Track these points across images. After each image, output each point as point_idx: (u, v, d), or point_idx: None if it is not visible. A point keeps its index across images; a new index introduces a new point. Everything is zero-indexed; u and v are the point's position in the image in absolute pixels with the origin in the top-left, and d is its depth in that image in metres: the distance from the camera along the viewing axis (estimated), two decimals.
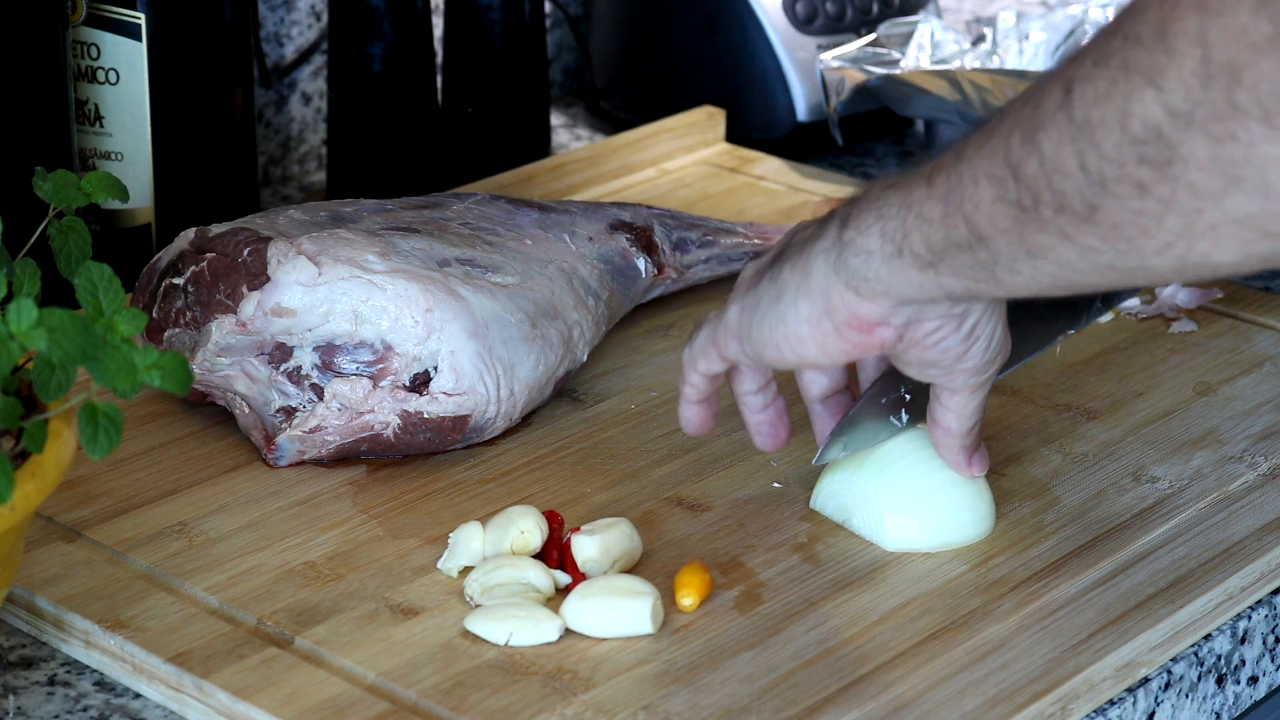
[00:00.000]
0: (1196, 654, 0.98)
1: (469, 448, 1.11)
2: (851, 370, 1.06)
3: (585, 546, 0.98)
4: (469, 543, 1.00)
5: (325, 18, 1.55)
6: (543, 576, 0.97)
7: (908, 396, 1.04)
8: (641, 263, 1.23)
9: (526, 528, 0.99)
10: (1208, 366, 1.21)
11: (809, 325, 0.94)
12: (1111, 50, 0.79)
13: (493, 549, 0.99)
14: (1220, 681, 1.00)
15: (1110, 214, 0.81)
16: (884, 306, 0.92)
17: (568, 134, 1.66)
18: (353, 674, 0.92)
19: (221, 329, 1.08)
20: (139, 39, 1.27)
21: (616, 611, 0.94)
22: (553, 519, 1.01)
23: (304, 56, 1.56)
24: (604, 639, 0.94)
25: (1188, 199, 0.78)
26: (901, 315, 0.93)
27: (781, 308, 0.94)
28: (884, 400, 1.04)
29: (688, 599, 0.96)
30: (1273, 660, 1.03)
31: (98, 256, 0.94)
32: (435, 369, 1.07)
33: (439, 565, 1.00)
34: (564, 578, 0.97)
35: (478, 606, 0.96)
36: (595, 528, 0.99)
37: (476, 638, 0.94)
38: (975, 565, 1.01)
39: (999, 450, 1.11)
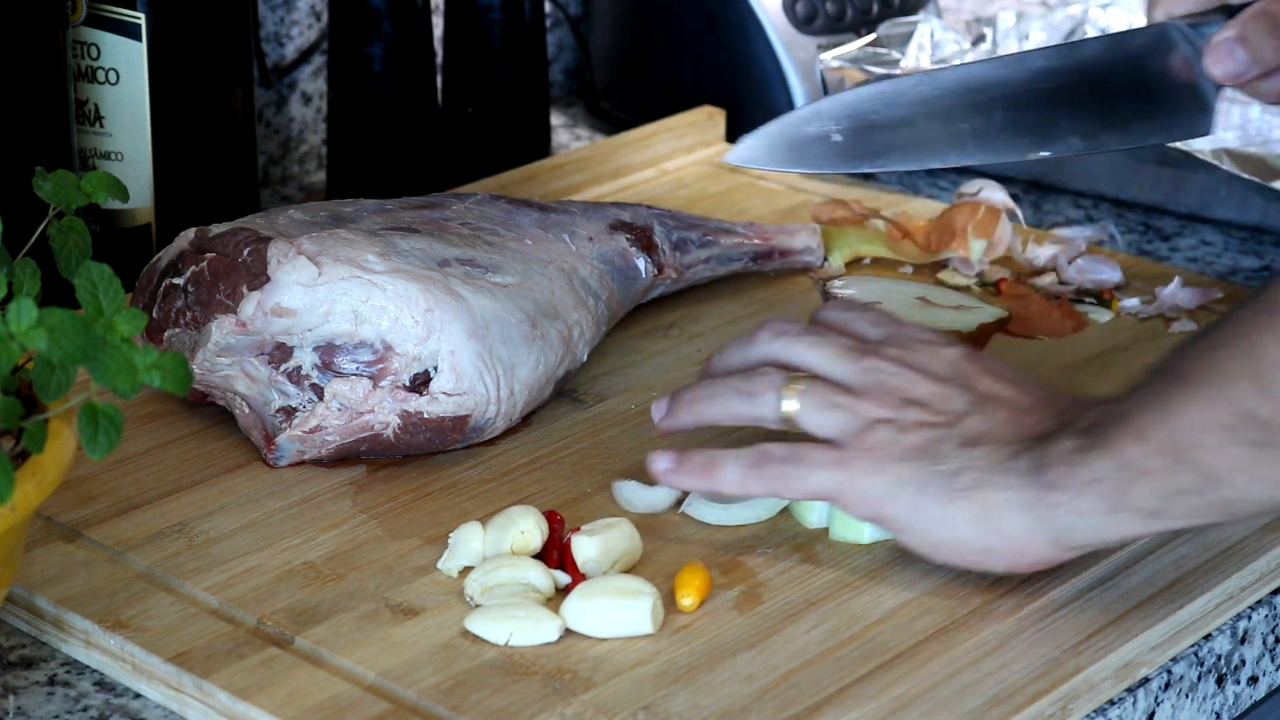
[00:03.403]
0: (1196, 654, 0.98)
1: (469, 448, 1.11)
2: None
3: (585, 547, 0.98)
4: (469, 543, 1.00)
5: (325, 18, 1.55)
6: (543, 576, 0.97)
7: None
8: (641, 263, 1.23)
9: (526, 528, 0.99)
10: None
11: (985, 555, 0.95)
12: None
13: (493, 549, 0.99)
14: (1220, 681, 1.00)
15: None
16: (1084, 550, 0.95)
17: (568, 134, 1.66)
18: (353, 674, 0.92)
19: (221, 329, 1.08)
20: (139, 39, 1.27)
21: (616, 611, 0.94)
22: (553, 519, 1.01)
23: (304, 56, 1.56)
24: (604, 639, 0.94)
25: None
26: (1093, 548, 0.95)
27: (957, 531, 0.94)
28: None
29: (688, 599, 0.96)
30: (1273, 660, 1.03)
31: (98, 256, 0.94)
32: (435, 369, 1.07)
33: (439, 565, 1.00)
34: (564, 578, 0.97)
35: (478, 606, 0.96)
36: (595, 528, 0.99)
37: (476, 638, 0.94)
38: None
39: None
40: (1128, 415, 0.90)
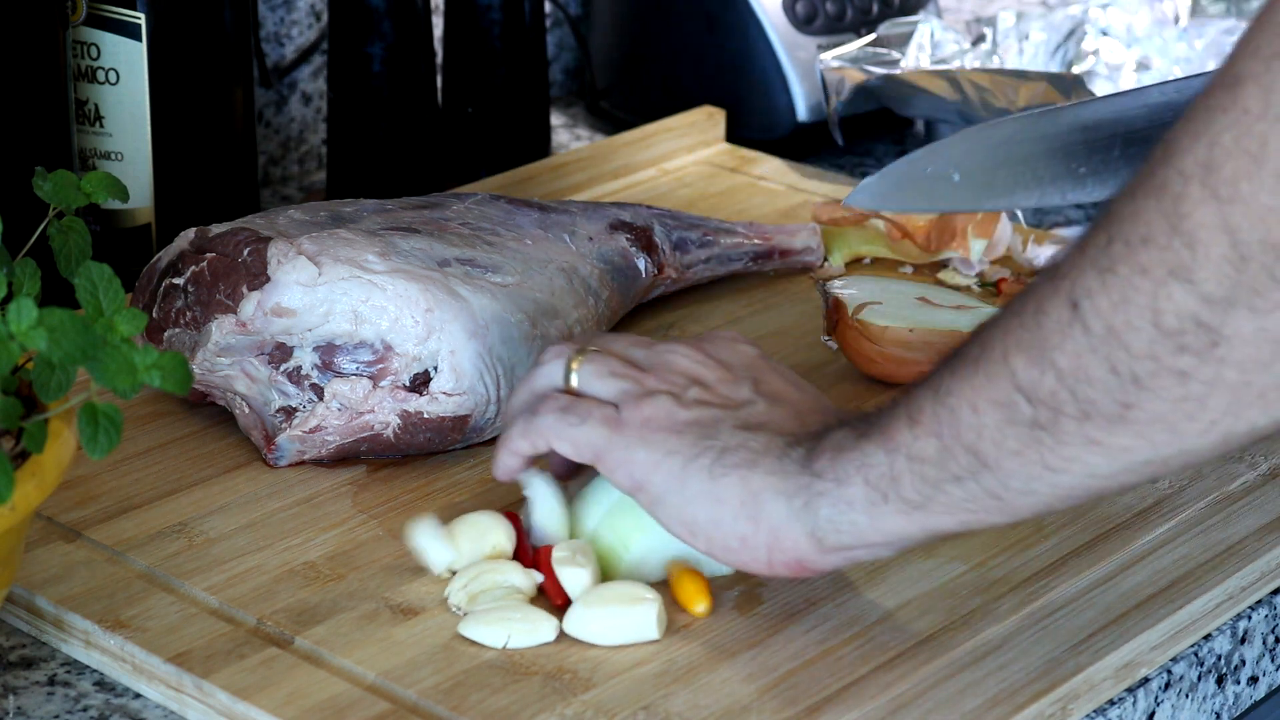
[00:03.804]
0: (1196, 654, 0.98)
1: (469, 448, 1.11)
2: None
3: (578, 578, 0.96)
4: (436, 542, 0.99)
5: (325, 18, 1.55)
6: (524, 578, 0.97)
7: None
8: (641, 263, 1.23)
9: (498, 541, 0.99)
10: None
11: (741, 543, 0.91)
12: (1115, 257, 0.79)
13: (469, 558, 0.99)
14: (1220, 681, 1.00)
15: (1148, 409, 0.80)
16: (839, 556, 0.90)
17: (568, 134, 1.66)
18: (353, 674, 0.92)
19: (221, 329, 1.08)
20: (139, 39, 1.27)
21: (621, 619, 0.94)
22: (514, 519, 1.01)
23: (304, 56, 1.56)
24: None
25: (1234, 375, 0.78)
26: (845, 558, 0.91)
27: (717, 511, 0.91)
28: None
29: (701, 605, 0.96)
30: (1273, 660, 1.03)
31: (98, 256, 0.94)
32: (435, 369, 1.07)
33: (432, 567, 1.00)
34: (538, 576, 0.97)
35: (466, 614, 0.96)
36: (569, 552, 0.97)
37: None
38: (975, 565, 1.01)
39: None
40: (905, 401, 0.87)
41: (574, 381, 0.97)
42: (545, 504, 1.00)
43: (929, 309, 1.17)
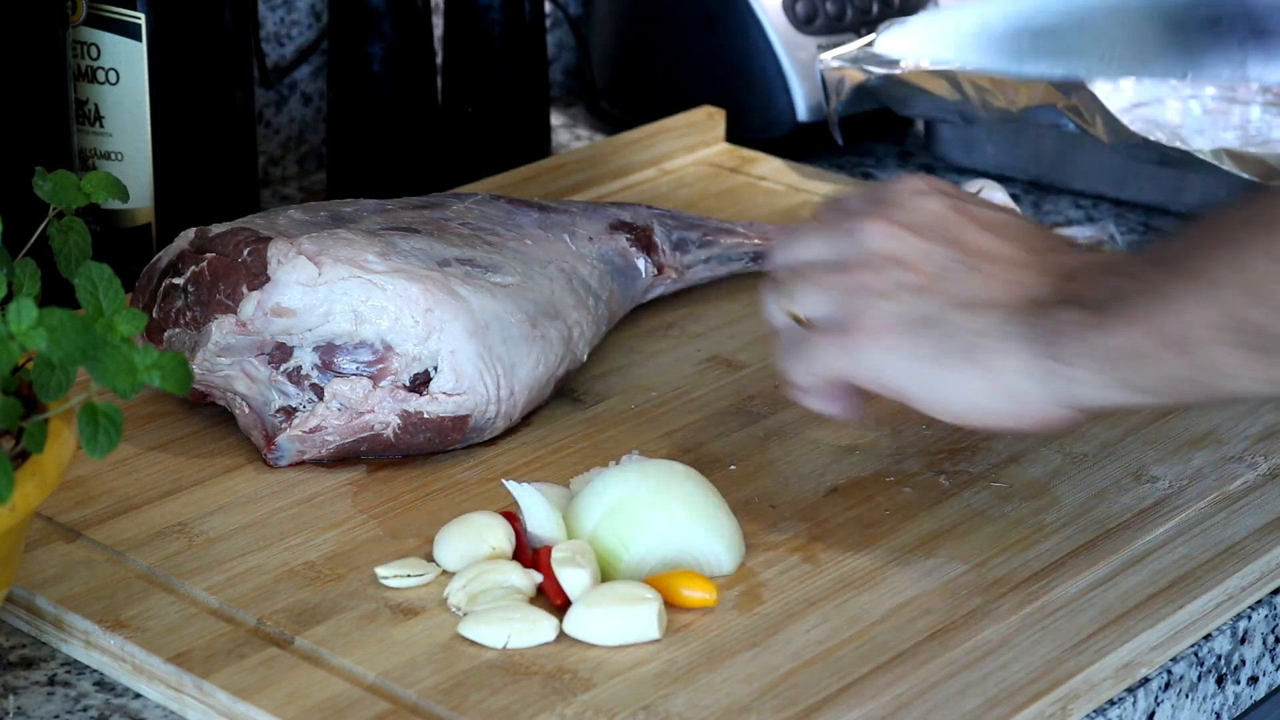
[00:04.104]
0: (1196, 654, 0.98)
1: (469, 448, 1.11)
2: None
3: (577, 578, 0.97)
4: (451, 545, 0.99)
5: (325, 18, 1.55)
6: (523, 578, 0.97)
7: None
8: (641, 263, 1.23)
9: (497, 541, 0.99)
10: None
11: (1000, 416, 0.95)
12: None
13: (468, 559, 0.99)
14: (1220, 681, 1.00)
15: None
16: (1093, 410, 0.94)
17: (568, 134, 1.66)
18: (353, 674, 0.92)
19: (221, 329, 1.08)
20: (139, 39, 1.27)
21: (621, 619, 0.94)
22: (512, 520, 1.01)
23: (304, 56, 1.56)
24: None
25: None
26: (1100, 410, 0.95)
27: (964, 392, 0.94)
28: None
29: (708, 594, 0.96)
30: (1273, 660, 1.03)
31: (98, 256, 0.94)
32: (435, 369, 1.08)
33: (438, 561, 1.00)
34: (537, 576, 0.97)
35: (466, 614, 0.96)
36: (568, 553, 0.98)
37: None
38: (975, 565, 1.01)
39: (999, 450, 1.11)
40: (1124, 297, 0.90)
41: (790, 308, 1.00)
42: (537, 513, 1.00)
43: None
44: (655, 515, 0.98)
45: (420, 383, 1.08)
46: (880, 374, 0.96)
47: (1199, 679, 0.99)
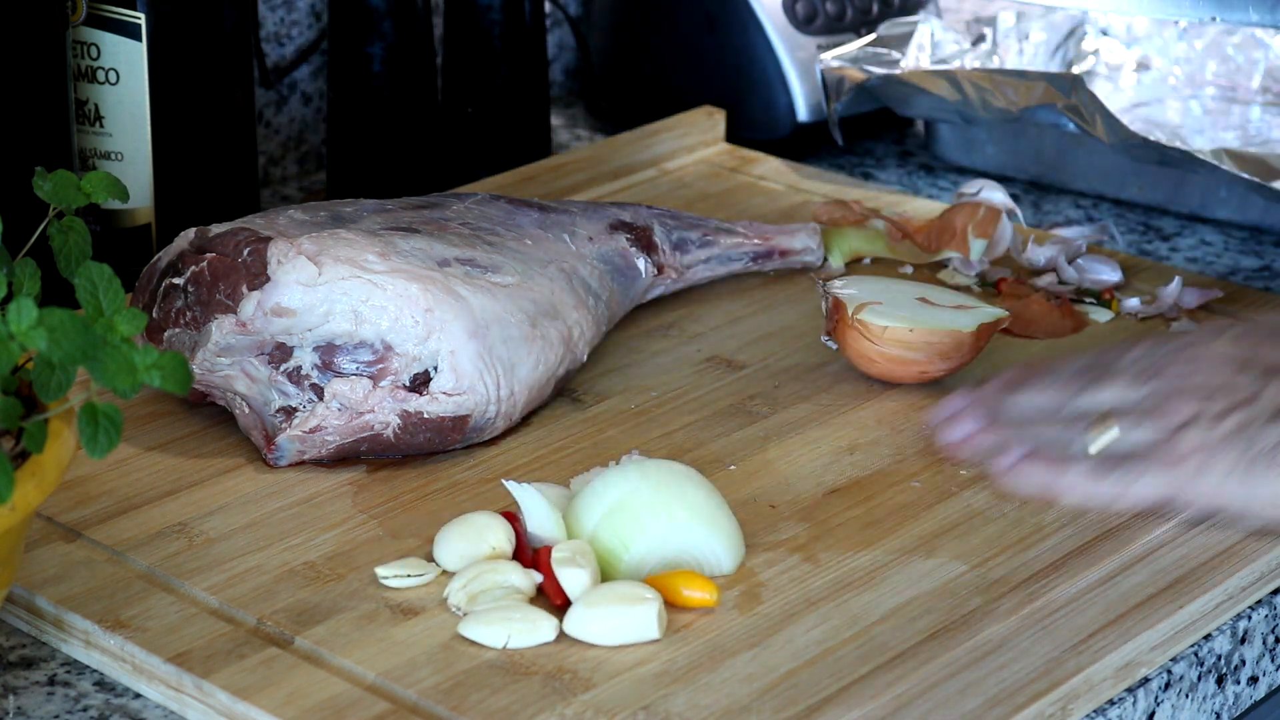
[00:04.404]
0: (1196, 654, 0.98)
1: (469, 448, 1.11)
2: None
3: (577, 578, 0.97)
4: (451, 545, 1.00)
5: (325, 18, 1.55)
6: (524, 578, 0.97)
7: None
8: (641, 263, 1.23)
9: (497, 542, 0.99)
10: None
11: None
12: None
13: (468, 559, 0.99)
14: (1220, 681, 1.00)
15: None
16: None
17: (568, 134, 1.66)
18: (353, 674, 0.92)
19: (221, 329, 1.08)
20: (139, 39, 1.27)
21: (621, 619, 0.94)
22: (512, 520, 1.01)
23: (304, 56, 1.56)
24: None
25: None
26: None
27: (1268, 495, 0.96)
28: None
29: (709, 594, 0.96)
30: (1273, 660, 1.03)
31: (98, 256, 0.94)
32: (435, 369, 1.08)
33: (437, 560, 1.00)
34: (537, 576, 0.97)
35: (466, 614, 0.96)
36: (568, 553, 0.98)
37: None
38: (975, 565, 1.01)
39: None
40: None
41: (1103, 445, 0.99)
42: (537, 513, 1.00)
43: (929, 309, 1.17)
44: (655, 515, 0.98)
45: (420, 383, 1.08)
46: (1206, 493, 0.97)
47: (1199, 679, 0.99)
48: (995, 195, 1.34)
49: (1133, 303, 1.28)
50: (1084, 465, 0.98)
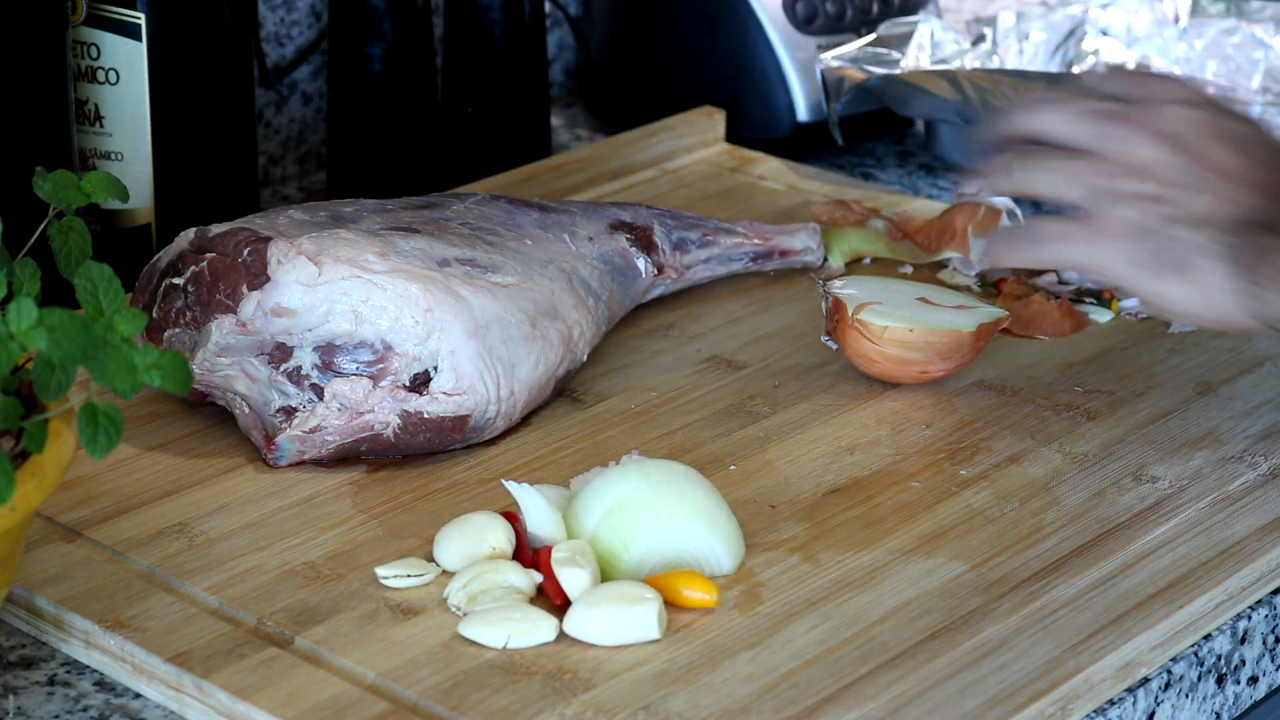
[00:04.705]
0: (1196, 654, 0.98)
1: (469, 448, 1.11)
2: None
3: (577, 578, 0.97)
4: (451, 545, 1.00)
5: (325, 18, 1.55)
6: (524, 578, 0.97)
7: None
8: (641, 263, 1.23)
9: (497, 542, 0.99)
10: (1208, 366, 1.21)
11: (1201, 320, 1.04)
12: None
13: (468, 559, 0.99)
14: (1220, 681, 1.00)
15: None
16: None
17: (568, 134, 1.66)
18: (353, 674, 0.92)
19: (221, 329, 1.08)
20: (139, 39, 1.27)
21: (621, 619, 0.94)
22: (512, 520, 1.01)
23: (304, 56, 1.56)
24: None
25: None
26: None
27: (1175, 298, 1.03)
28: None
29: (709, 595, 0.96)
30: (1273, 660, 1.03)
31: (98, 256, 0.94)
32: (435, 369, 1.08)
33: (438, 560, 1.00)
34: (537, 576, 0.97)
35: (466, 614, 0.96)
36: (568, 553, 0.98)
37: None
38: (975, 565, 1.01)
39: (999, 450, 1.11)
40: None
41: (1038, 190, 1.08)
42: (537, 513, 1.00)
43: (929, 309, 1.17)
44: (655, 515, 0.98)
45: (420, 383, 1.08)
46: (1107, 270, 1.05)
47: (1199, 679, 0.99)
48: (996, 196, 1.34)
49: (1132, 302, 1.28)
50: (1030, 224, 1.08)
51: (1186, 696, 0.98)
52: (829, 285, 1.19)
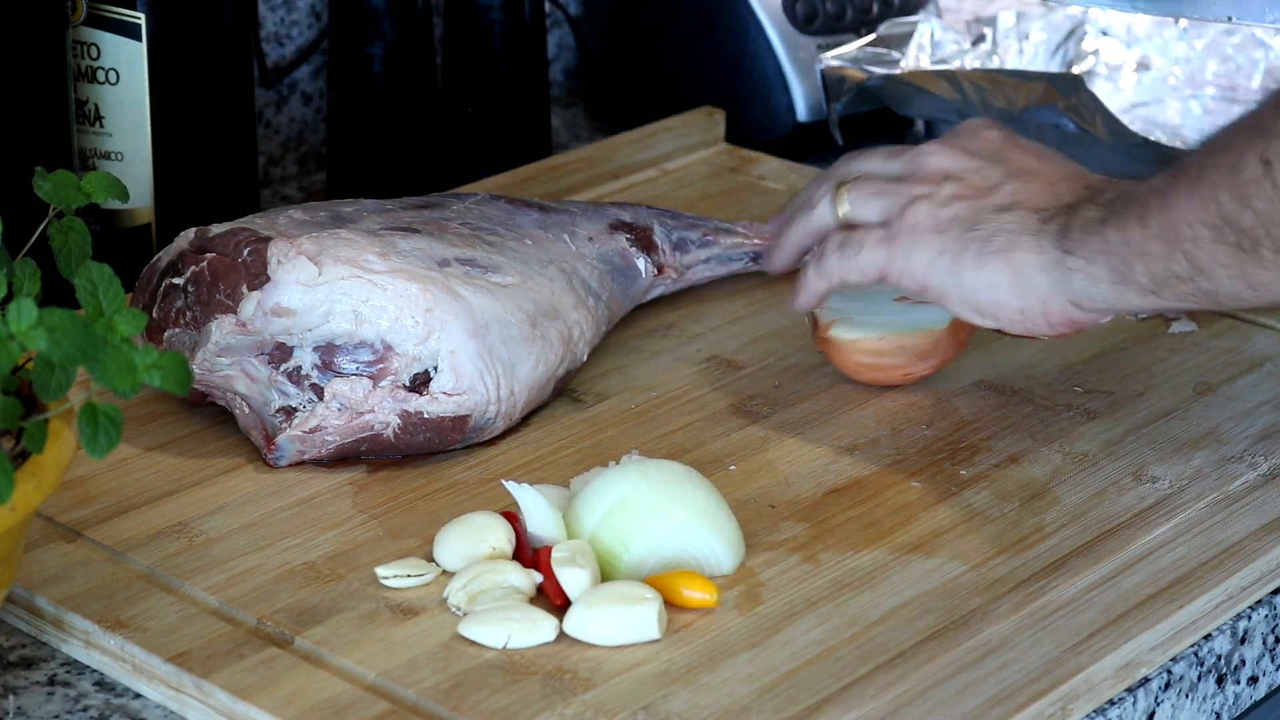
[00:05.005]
0: (1196, 654, 0.98)
1: (469, 448, 1.11)
2: None
3: (577, 578, 0.97)
4: (451, 545, 1.00)
5: (325, 18, 1.55)
6: (524, 578, 0.97)
7: None
8: (641, 263, 1.23)
9: (497, 542, 0.99)
10: (1208, 366, 1.21)
11: (1021, 315, 1.03)
12: None
13: (468, 559, 0.99)
14: (1220, 681, 1.00)
15: None
16: (1105, 315, 1.03)
17: (568, 134, 1.66)
18: (353, 674, 0.92)
19: (221, 329, 1.08)
20: (139, 39, 1.27)
21: (621, 619, 0.94)
22: (512, 520, 1.01)
23: (304, 56, 1.56)
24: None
25: None
26: (1112, 315, 1.04)
27: (994, 293, 1.03)
28: None
29: (710, 595, 0.96)
30: (1273, 660, 1.03)
31: (98, 256, 0.94)
32: (435, 369, 1.08)
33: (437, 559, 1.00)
34: (537, 576, 0.97)
35: (466, 614, 0.96)
36: (568, 553, 0.98)
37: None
38: (975, 565, 1.01)
39: (999, 450, 1.11)
40: (1138, 199, 0.98)
41: (843, 212, 1.08)
42: (537, 513, 1.00)
43: (905, 309, 1.16)
44: (655, 515, 0.98)
45: (420, 383, 1.08)
46: (916, 271, 1.05)
47: (1199, 679, 0.99)
48: None
49: None
50: (834, 240, 1.08)
51: (1186, 696, 0.98)
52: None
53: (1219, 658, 0.99)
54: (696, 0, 1.58)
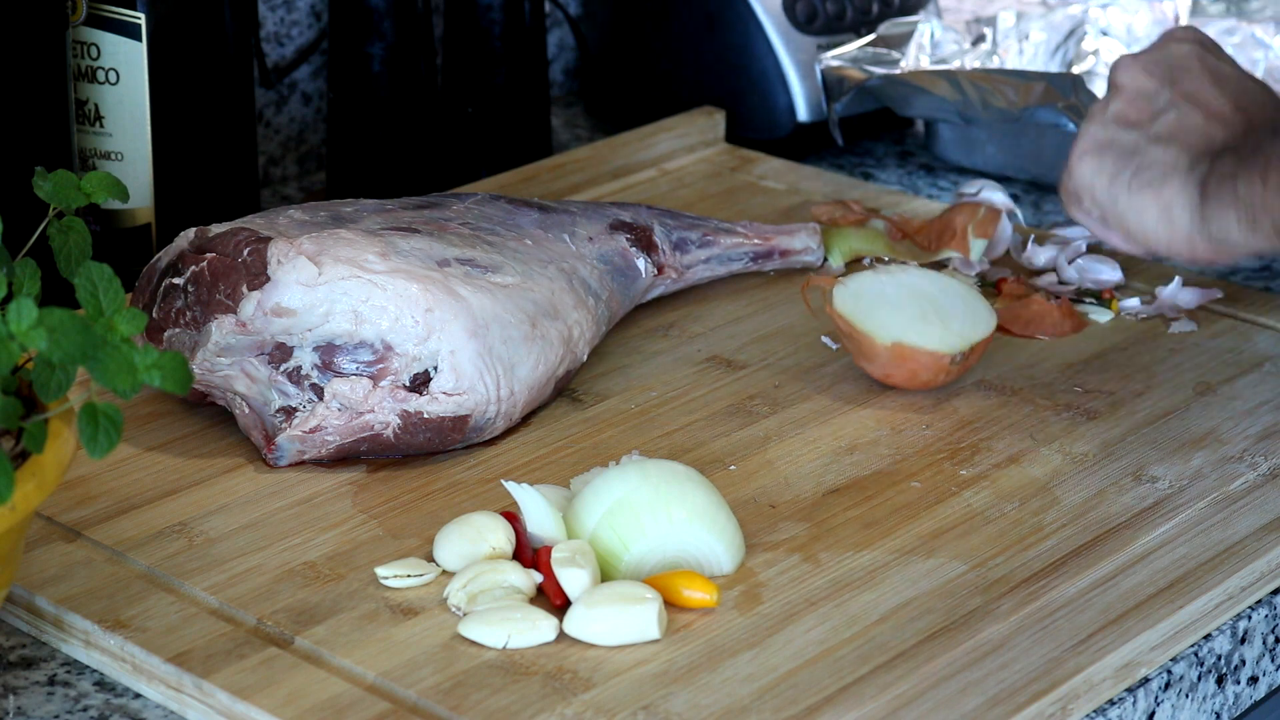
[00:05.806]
0: (1196, 654, 0.98)
1: (469, 448, 1.11)
2: None
3: (577, 578, 0.97)
4: (451, 545, 1.00)
5: (325, 18, 1.55)
6: (524, 578, 0.97)
7: None
8: (641, 263, 1.23)
9: (497, 542, 0.99)
10: (1208, 366, 1.21)
11: (1167, 244, 1.08)
12: None
13: (468, 559, 0.99)
14: (1220, 681, 1.00)
15: None
16: (1243, 252, 1.07)
17: (568, 134, 1.66)
18: (353, 674, 0.92)
19: (221, 329, 1.08)
20: (139, 39, 1.27)
21: (621, 619, 0.94)
22: (512, 520, 1.01)
23: (304, 56, 1.56)
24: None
25: None
26: (1250, 253, 1.06)
27: (1142, 221, 1.08)
28: None
29: (710, 595, 0.96)
30: (1273, 660, 1.04)
31: (98, 256, 0.94)
32: (435, 369, 1.08)
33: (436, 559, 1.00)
34: (537, 576, 0.97)
35: (466, 614, 0.96)
36: (568, 553, 0.98)
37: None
38: (975, 565, 1.01)
39: (999, 450, 1.11)
40: (1263, 154, 1.04)
41: None
42: (537, 513, 1.00)
43: (925, 324, 1.16)
44: (655, 515, 0.98)
45: (420, 383, 1.08)
46: (1087, 189, 1.10)
47: (1199, 679, 0.99)
48: (995, 195, 1.34)
49: (1132, 303, 1.28)
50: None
51: (1186, 696, 0.98)
52: (831, 290, 1.18)
53: (1219, 658, 0.99)
54: (696, 0, 1.58)
